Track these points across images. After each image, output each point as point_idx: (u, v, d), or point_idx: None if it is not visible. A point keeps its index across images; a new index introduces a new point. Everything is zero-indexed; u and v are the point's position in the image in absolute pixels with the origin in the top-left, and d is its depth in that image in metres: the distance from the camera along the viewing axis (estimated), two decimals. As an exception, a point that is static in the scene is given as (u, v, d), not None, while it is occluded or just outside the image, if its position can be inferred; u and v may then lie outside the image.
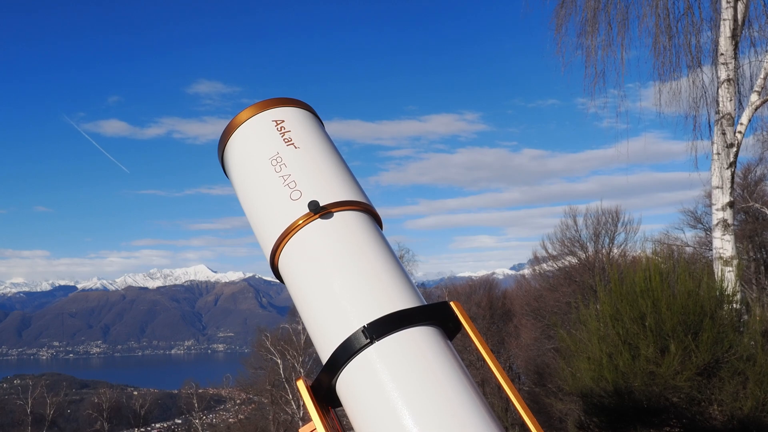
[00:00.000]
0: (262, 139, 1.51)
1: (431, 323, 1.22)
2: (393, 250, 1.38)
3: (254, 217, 1.47)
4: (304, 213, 1.33)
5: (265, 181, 1.43)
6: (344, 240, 1.30)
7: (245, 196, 1.51)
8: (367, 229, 1.35)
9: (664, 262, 7.06)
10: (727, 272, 8.23)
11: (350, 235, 1.31)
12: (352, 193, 1.40)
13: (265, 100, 1.59)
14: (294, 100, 1.62)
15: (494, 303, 30.30)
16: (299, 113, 1.57)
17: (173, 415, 56.56)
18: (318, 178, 1.40)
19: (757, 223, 22.27)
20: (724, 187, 8.59)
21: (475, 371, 19.10)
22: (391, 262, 1.32)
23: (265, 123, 1.53)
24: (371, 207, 1.42)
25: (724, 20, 8.67)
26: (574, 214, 25.07)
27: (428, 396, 1.09)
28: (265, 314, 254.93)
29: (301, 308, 1.33)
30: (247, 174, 1.51)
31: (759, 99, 8.85)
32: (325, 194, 1.36)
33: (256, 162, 1.48)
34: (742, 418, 5.99)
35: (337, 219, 1.34)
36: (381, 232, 1.39)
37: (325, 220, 1.33)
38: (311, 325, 1.30)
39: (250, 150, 1.52)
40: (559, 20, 10.41)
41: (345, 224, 1.33)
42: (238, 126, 1.56)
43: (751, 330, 6.65)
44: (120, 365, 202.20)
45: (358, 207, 1.38)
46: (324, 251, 1.30)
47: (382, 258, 1.31)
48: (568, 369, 7.60)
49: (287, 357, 30.42)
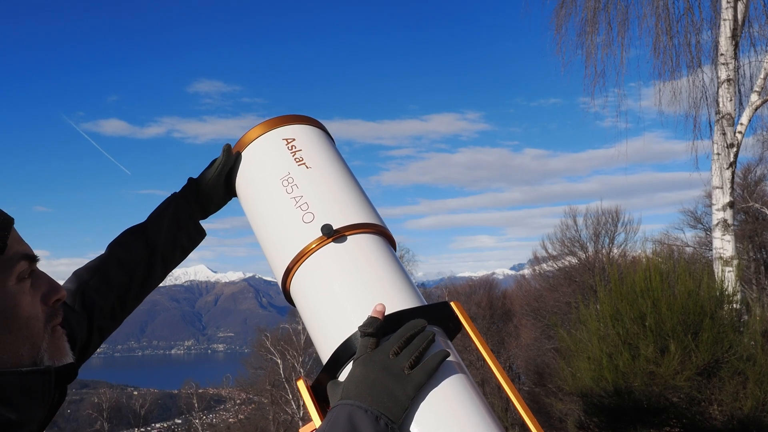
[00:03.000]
0: (272, 158, 1.47)
1: (431, 323, 1.22)
2: (406, 271, 1.35)
3: (265, 240, 1.43)
4: (317, 237, 1.29)
5: (276, 203, 1.39)
6: (358, 263, 1.28)
7: (255, 217, 1.47)
8: (381, 251, 1.32)
9: (664, 262, 7.06)
10: (727, 272, 8.23)
11: (363, 258, 1.29)
12: (365, 216, 1.36)
13: (275, 117, 1.55)
14: (304, 117, 1.57)
15: (494, 303, 30.32)
16: (310, 131, 1.53)
17: (173, 415, 56.61)
18: (330, 200, 1.36)
19: (757, 223, 22.28)
20: (724, 187, 8.59)
21: (475, 371, 19.11)
22: (399, 273, 1.30)
23: (275, 142, 1.49)
24: (385, 229, 1.39)
25: (724, 20, 8.67)
26: (574, 214, 25.14)
27: (429, 396, 1.09)
28: (265, 314, 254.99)
29: (311, 328, 1.30)
30: (258, 195, 1.47)
31: (759, 99, 8.85)
32: (338, 217, 1.33)
33: (266, 183, 1.45)
34: (742, 418, 5.99)
35: (350, 242, 1.30)
36: (394, 254, 1.37)
37: (339, 243, 1.29)
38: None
39: (260, 170, 1.48)
40: (559, 20, 10.43)
41: (359, 247, 1.30)
42: (247, 145, 1.53)
43: (751, 330, 6.65)
44: (120, 365, 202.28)
45: (371, 229, 1.35)
46: (337, 275, 1.27)
47: (392, 273, 1.29)
48: (568, 369, 7.60)
49: (287, 357, 30.46)
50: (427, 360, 1.08)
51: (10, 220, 1.00)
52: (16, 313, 0.97)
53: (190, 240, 1.59)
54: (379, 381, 1.05)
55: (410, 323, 1.13)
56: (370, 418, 1.00)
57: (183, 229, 1.55)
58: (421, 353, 1.09)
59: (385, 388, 1.04)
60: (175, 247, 1.55)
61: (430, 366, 1.07)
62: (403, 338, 1.10)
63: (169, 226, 1.53)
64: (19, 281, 0.98)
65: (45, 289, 1.03)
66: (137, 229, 1.52)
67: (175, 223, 1.54)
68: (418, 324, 1.13)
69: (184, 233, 1.56)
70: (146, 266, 1.49)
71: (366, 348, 1.10)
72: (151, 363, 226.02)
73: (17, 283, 0.98)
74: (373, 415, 1.00)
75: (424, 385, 1.06)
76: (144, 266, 1.48)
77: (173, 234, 1.54)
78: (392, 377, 1.05)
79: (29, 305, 0.99)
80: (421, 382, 1.05)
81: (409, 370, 1.06)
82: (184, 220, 1.55)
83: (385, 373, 1.05)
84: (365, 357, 1.09)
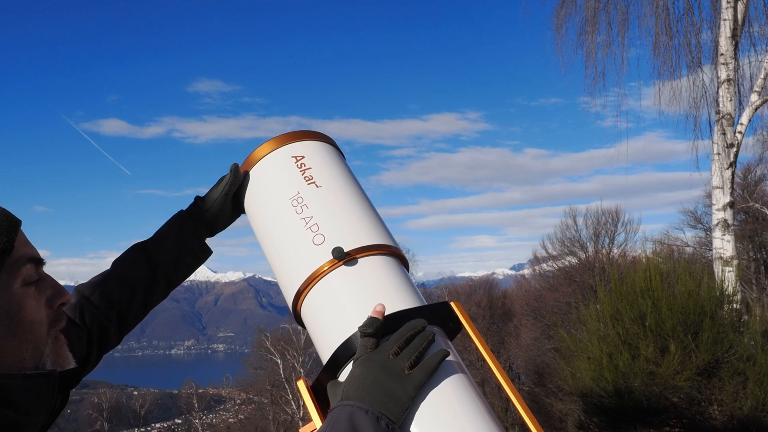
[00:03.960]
0: (281, 177, 1.43)
1: (431, 323, 1.21)
2: (416, 287, 1.33)
3: (275, 261, 1.40)
4: (328, 260, 1.27)
5: (286, 224, 1.36)
6: (370, 286, 1.26)
7: (265, 238, 1.44)
8: (393, 273, 1.30)
9: (664, 262, 7.06)
10: (727, 272, 8.23)
11: (376, 281, 1.26)
12: (377, 237, 1.33)
13: (284, 134, 1.51)
14: (314, 132, 1.54)
15: (494, 303, 30.32)
16: (319, 147, 1.49)
17: (173, 415, 56.59)
18: (342, 221, 1.33)
19: (757, 223, 22.29)
20: (724, 187, 8.59)
21: (475, 371, 19.11)
22: (407, 285, 1.29)
23: (284, 159, 1.45)
24: (397, 250, 1.36)
25: (724, 20, 8.67)
26: (574, 214, 25.14)
27: (428, 396, 1.09)
28: (265, 314, 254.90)
29: (323, 354, 1.28)
30: (267, 216, 1.44)
31: (759, 99, 8.85)
32: (350, 238, 1.30)
33: (275, 203, 1.41)
34: (742, 418, 5.99)
35: (362, 265, 1.28)
36: (407, 274, 1.35)
37: (350, 267, 1.27)
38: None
39: (268, 190, 1.45)
40: (559, 20, 10.44)
41: (371, 270, 1.28)
42: (256, 162, 1.49)
43: (751, 330, 6.65)
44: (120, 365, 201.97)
45: (383, 251, 1.32)
46: (349, 299, 1.24)
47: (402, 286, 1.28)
48: (568, 369, 7.60)
49: (287, 357, 30.47)
50: (426, 360, 1.08)
51: (17, 222, 1.00)
52: (20, 317, 0.96)
53: (194, 259, 1.56)
54: (380, 381, 1.05)
55: (410, 323, 1.13)
56: (371, 418, 1.01)
57: (187, 248, 1.53)
58: (421, 353, 1.09)
59: (385, 388, 1.04)
60: (178, 266, 1.53)
61: (430, 365, 1.08)
62: (402, 338, 1.10)
63: (173, 245, 1.51)
64: (24, 285, 0.98)
65: (50, 293, 1.02)
66: (141, 246, 1.51)
67: (179, 241, 1.52)
68: (418, 324, 1.13)
69: (188, 252, 1.54)
70: (148, 284, 1.47)
71: (366, 348, 1.10)
72: (151, 363, 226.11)
73: (23, 287, 0.97)
74: (374, 416, 1.01)
75: (425, 385, 1.07)
76: (146, 284, 1.47)
77: (177, 253, 1.51)
78: (392, 377, 1.05)
79: (34, 309, 0.98)
80: (422, 382, 1.06)
81: (409, 370, 1.07)
82: (189, 239, 1.53)
83: (385, 373, 1.06)
84: (365, 357, 1.09)
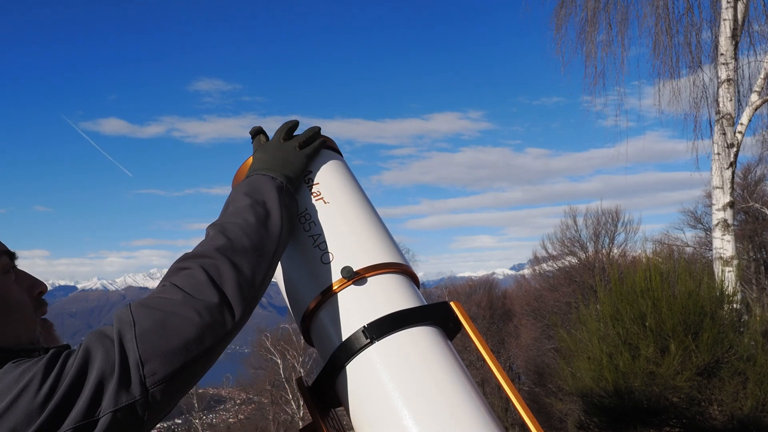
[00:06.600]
0: None
1: (431, 323, 1.22)
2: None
3: (282, 280, 1.39)
4: (337, 279, 1.25)
5: (294, 242, 1.33)
6: (379, 307, 1.23)
7: None
8: (402, 291, 1.28)
9: (664, 262, 7.06)
10: (727, 272, 8.23)
11: (386, 301, 1.25)
12: (387, 255, 1.31)
13: None
14: None
15: (494, 303, 30.32)
16: (326, 160, 1.45)
17: (173, 415, 56.48)
18: (351, 239, 1.31)
19: (757, 223, 22.30)
20: (724, 187, 8.59)
21: (475, 371, 19.10)
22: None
23: None
24: (407, 267, 1.34)
25: (724, 20, 8.67)
26: (574, 214, 25.15)
27: (428, 396, 1.09)
28: (265, 314, 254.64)
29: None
30: None
31: (759, 99, 8.85)
32: (359, 257, 1.28)
33: None
34: (742, 418, 5.99)
35: (371, 284, 1.26)
36: (417, 291, 1.33)
37: (359, 286, 1.25)
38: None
39: None
40: (559, 20, 10.43)
41: (381, 290, 1.26)
42: None
43: (751, 330, 6.65)
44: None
45: (393, 269, 1.30)
46: (358, 319, 1.22)
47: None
48: (568, 369, 7.60)
49: (287, 357, 30.45)
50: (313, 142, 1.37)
51: None
52: (9, 297, 1.04)
53: None
54: (276, 155, 1.31)
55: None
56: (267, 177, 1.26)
57: None
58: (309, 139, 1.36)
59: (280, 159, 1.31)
60: None
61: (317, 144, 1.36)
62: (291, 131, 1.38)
63: None
64: (3, 273, 1.06)
65: (27, 284, 1.11)
66: None
67: None
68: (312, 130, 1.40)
69: None
70: None
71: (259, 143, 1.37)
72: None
73: (3, 274, 1.06)
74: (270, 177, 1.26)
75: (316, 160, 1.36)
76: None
77: None
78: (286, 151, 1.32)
79: (18, 292, 1.07)
80: (311, 153, 1.34)
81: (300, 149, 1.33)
82: None
83: (280, 149, 1.33)
84: (261, 146, 1.35)
